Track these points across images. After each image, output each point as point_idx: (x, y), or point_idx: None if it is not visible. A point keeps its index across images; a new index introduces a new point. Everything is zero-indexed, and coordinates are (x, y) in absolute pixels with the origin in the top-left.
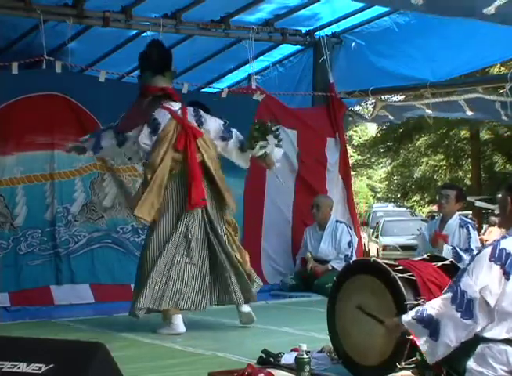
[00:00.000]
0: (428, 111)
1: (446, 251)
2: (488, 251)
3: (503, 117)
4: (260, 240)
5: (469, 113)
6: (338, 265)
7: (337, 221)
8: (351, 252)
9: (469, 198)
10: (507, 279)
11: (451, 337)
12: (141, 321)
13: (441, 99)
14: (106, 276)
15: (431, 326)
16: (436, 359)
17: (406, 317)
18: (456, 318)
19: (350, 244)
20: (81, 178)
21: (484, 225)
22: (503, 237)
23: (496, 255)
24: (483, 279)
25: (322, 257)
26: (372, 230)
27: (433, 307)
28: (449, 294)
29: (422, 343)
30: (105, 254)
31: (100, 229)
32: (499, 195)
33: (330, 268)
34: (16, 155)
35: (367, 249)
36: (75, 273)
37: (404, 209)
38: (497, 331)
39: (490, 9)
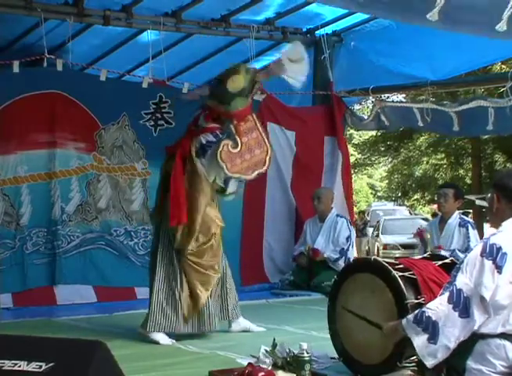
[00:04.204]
0: (420, 124)
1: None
2: (479, 247)
3: (489, 127)
4: (261, 239)
5: (456, 127)
6: (332, 255)
7: (337, 215)
8: (348, 247)
9: (469, 197)
10: (499, 272)
11: (450, 338)
12: (142, 320)
13: (436, 106)
14: (100, 277)
15: (430, 329)
16: (435, 362)
17: (406, 322)
18: (454, 317)
19: (348, 238)
20: (77, 177)
21: (485, 224)
22: (493, 234)
23: (487, 251)
24: (477, 275)
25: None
26: (372, 229)
27: (431, 309)
28: (446, 294)
29: (421, 347)
30: (99, 256)
31: (94, 230)
32: (489, 195)
33: (325, 256)
34: (20, 154)
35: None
36: (67, 274)
37: (404, 207)
38: (493, 326)
39: (502, 26)
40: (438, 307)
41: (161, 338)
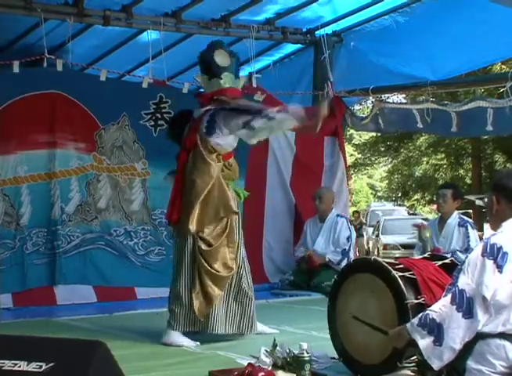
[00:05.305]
0: (419, 125)
1: None
2: (479, 248)
3: (488, 128)
4: (261, 238)
5: (454, 128)
6: (334, 257)
7: (337, 215)
8: (349, 247)
9: (469, 197)
10: (500, 272)
11: (455, 339)
12: (142, 320)
13: (437, 106)
14: (100, 277)
15: (435, 331)
16: (442, 364)
17: (411, 326)
18: (458, 318)
19: (349, 238)
20: (77, 178)
21: (485, 224)
22: (493, 234)
23: (488, 250)
24: (478, 275)
25: (317, 251)
26: (372, 229)
27: (434, 311)
28: (449, 296)
29: (427, 349)
30: (99, 256)
31: (94, 230)
32: (485, 199)
33: (327, 260)
34: (20, 154)
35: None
36: (67, 274)
37: (403, 208)
38: (493, 325)
39: None
40: (442, 309)
41: (185, 341)
